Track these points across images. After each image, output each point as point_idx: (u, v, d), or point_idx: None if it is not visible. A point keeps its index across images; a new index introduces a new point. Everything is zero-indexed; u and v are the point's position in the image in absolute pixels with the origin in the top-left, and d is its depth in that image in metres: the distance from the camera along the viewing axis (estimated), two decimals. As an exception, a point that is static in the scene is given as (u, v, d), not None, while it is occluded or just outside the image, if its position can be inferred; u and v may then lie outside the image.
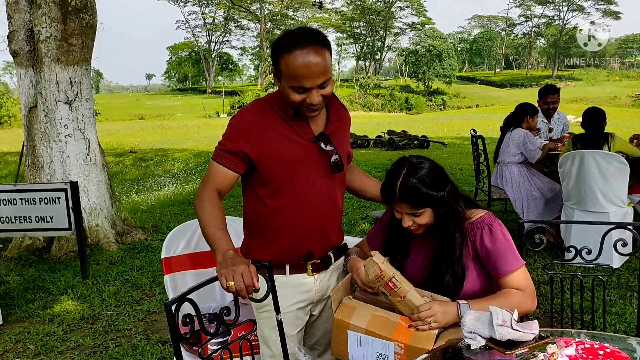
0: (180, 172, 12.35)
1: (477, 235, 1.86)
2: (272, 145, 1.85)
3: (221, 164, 1.88)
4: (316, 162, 1.92)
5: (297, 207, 1.92)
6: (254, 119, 1.86)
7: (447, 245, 1.86)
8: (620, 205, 4.40)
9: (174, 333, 1.50)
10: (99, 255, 5.22)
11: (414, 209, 1.83)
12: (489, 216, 1.89)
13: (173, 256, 2.55)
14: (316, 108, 1.80)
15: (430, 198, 1.81)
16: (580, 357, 1.30)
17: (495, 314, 1.58)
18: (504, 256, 1.82)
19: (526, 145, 4.92)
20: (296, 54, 1.70)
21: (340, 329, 1.84)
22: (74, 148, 5.43)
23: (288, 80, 1.74)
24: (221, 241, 1.78)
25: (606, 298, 3.77)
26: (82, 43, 5.36)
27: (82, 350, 3.46)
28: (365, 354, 1.80)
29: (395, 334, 1.72)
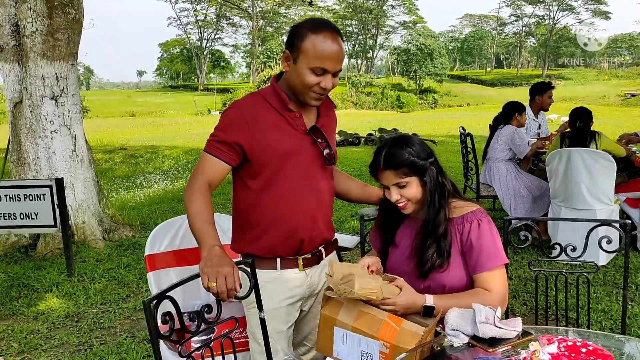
0: (170, 169, 12.28)
1: (466, 228, 1.85)
2: (266, 136, 1.86)
3: (214, 156, 1.87)
4: (309, 153, 1.93)
5: (288, 198, 1.92)
6: (249, 111, 1.86)
7: (433, 220, 1.85)
8: (607, 203, 4.42)
9: (152, 331, 1.48)
10: (86, 252, 5.17)
11: (398, 176, 1.84)
12: (479, 211, 1.88)
13: (157, 253, 2.52)
14: (323, 95, 1.86)
15: (414, 164, 1.83)
16: (563, 354, 1.29)
17: (478, 311, 1.57)
18: (485, 254, 1.81)
19: (515, 140, 4.93)
20: (325, 35, 1.78)
21: (327, 325, 1.81)
22: (60, 144, 5.36)
23: (311, 60, 1.78)
24: (208, 235, 1.75)
25: (592, 295, 3.79)
26: (68, 38, 5.30)
27: (66, 348, 3.42)
28: (350, 351, 1.78)
29: (381, 332, 1.69)
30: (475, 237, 1.83)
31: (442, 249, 1.84)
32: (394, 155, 1.84)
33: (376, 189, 2.29)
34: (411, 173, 1.84)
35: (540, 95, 5.64)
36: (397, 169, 1.83)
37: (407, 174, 1.84)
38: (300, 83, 1.82)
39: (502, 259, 1.83)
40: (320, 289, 2.09)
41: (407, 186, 1.85)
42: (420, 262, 1.86)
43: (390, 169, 1.84)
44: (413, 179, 1.85)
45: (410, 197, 1.86)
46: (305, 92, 1.83)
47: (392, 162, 1.84)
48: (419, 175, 1.85)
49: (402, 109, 46.91)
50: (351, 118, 28.56)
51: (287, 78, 1.89)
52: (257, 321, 1.89)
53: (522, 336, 1.55)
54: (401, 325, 1.65)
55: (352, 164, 10.39)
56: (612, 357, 1.28)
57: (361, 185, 2.29)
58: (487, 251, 1.81)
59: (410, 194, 1.86)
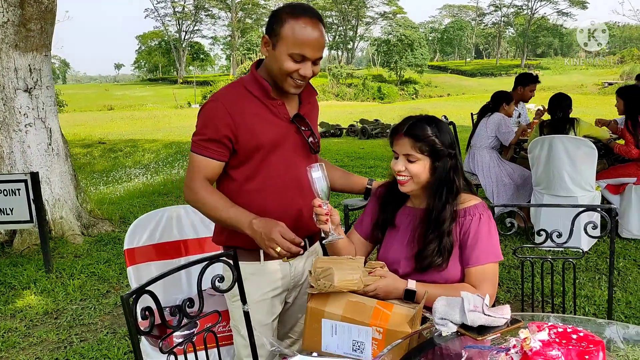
0: (150, 163, 12.13)
1: (467, 221, 1.81)
2: (250, 127, 1.81)
3: (205, 156, 1.82)
4: (293, 142, 1.89)
5: (273, 189, 1.88)
6: (230, 102, 1.81)
7: (438, 214, 1.80)
8: (588, 190, 4.45)
9: (131, 327, 1.42)
10: (64, 248, 5.06)
11: (414, 149, 1.79)
12: (482, 205, 1.84)
13: (137, 247, 2.46)
14: (303, 83, 1.81)
15: (432, 145, 1.78)
16: (554, 341, 1.26)
17: (466, 299, 1.54)
18: (480, 248, 1.78)
19: (501, 127, 4.96)
20: (305, 21, 1.72)
21: (314, 318, 1.77)
22: (35, 138, 5.23)
23: (290, 46, 1.72)
24: (239, 216, 1.79)
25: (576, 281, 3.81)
26: (41, 28, 5.15)
27: (45, 346, 3.34)
28: (340, 343, 1.74)
29: (373, 318, 1.67)
30: (473, 231, 1.79)
31: (444, 247, 1.79)
32: (419, 127, 1.80)
33: (360, 177, 2.25)
34: (426, 152, 1.79)
35: (523, 86, 5.66)
36: (416, 141, 1.78)
37: (422, 150, 1.79)
38: (278, 69, 1.77)
39: (497, 256, 1.80)
40: (304, 280, 2.06)
41: (416, 162, 1.80)
42: (420, 255, 1.81)
43: (409, 137, 1.79)
44: (425, 158, 1.80)
45: (413, 174, 1.80)
46: (283, 79, 1.78)
47: (414, 132, 1.79)
48: (432, 158, 1.80)
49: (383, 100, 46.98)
50: (332, 109, 28.51)
51: (266, 64, 1.84)
52: (241, 314, 1.84)
53: (511, 323, 1.53)
54: (392, 309, 1.63)
55: (334, 155, 10.36)
56: (603, 342, 1.26)
57: (345, 175, 2.25)
58: (483, 246, 1.78)
59: (416, 171, 1.80)
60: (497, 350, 1.31)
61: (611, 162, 5.18)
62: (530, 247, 2.24)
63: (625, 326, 1.73)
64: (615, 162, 5.10)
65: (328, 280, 1.69)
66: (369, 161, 9.61)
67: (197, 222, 2.61)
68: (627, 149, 4.62)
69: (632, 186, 4.66)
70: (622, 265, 4.14)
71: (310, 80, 1.92)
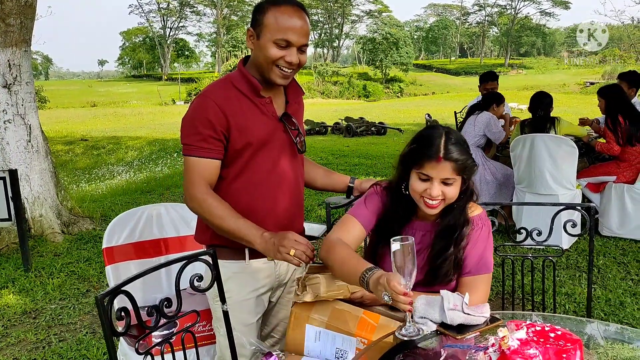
0: (134, 160, 12.02)
1: (470, 231, 1.75)
2: (241, 124, 1.79)
3: (202, 157, 1.78)
4: (280, 141, 1.88)
5: (261, 187, 1.86)
6: (220, 99, 1.78)
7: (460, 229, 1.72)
8: (569, 188, 4.49)
9: (106, 329, 1.39)
10: (43, 246, 4.98)
11: (454, 172, 1.64)
12: (484, 215, 1.80)
13: (115, 245, 2.42)
14: (290, 73, 1.78)
15: (468, 162, 1.67)
16: (532, 339, 1.26)
17: (446, 298, 1.54)
18: (475, 259, 1.74)
19: (491, 126, 4.99)
20: (287, 7, 1.73)
21: (298, 322, 1.75)
22: (14, 134, 5.13)
23: (273, 33, 1.72)
24: (250, 229, 1.76)
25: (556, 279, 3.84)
26: (21, 23, 5.06)
27: (23, 346, 3.29)
28: (323, 349, 1.72)
29: (358, 329, 1.64)
30: (473, 241, 1.74)
31: (458, 261, 1.73)
32: (457, 149, 1.64)
33: (342, 176, 2.23)
34: (461, 172, 1.66)
35: (480, 85, 5.82)
36: (456, 163, 1.63)
37: (459, 171, 1.65)
38: (264, 58, 1.75)
39: (489, 269, 1.76)
40: (288, 279, 2.04)
41: (453, 184, 1.66)
42: (436, 272, 1.73)
43: (450, 161, 1.63)
44: (459, 179, 1.68)
45: (449, 197, 1.67)
46: (269, 68, 1.76)
47: (454, 156, 1.63)
48: (464, 176, 1.69)
49: (369, 98, 47.07)
50: (317, 107, 28.49)
51: (253, 57, 1.82)
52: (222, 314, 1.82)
53: (491, 322, 1.53)
54: (379, 322, 1.60)
55: (318, 152, 10.35)
56: (581, 341, 1.27)
57: (327, 173, 2.23)
58: (479, 257, 1.74)
59: (451, 194, 1.67)
60: (476, 349, 1.31)
61: (592, 161, 5.24)
62: (512, 246, 2.25)
63: (606, 324, 1.75)
64: (595, 161, 5.16)
65: (314, 290, 1.67)
66: (353, 159, 9.61)
67: (177, 221, 2.58)
68: (609, 146, 4.67)
69: (612, 184, 4.72)
70: (602, 263, 4.19)
71: (296, 79, 1.91)
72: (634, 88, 5.15)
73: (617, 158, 4.70)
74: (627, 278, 3.91)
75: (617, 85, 4.98)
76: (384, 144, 12.71)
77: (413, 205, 1.75)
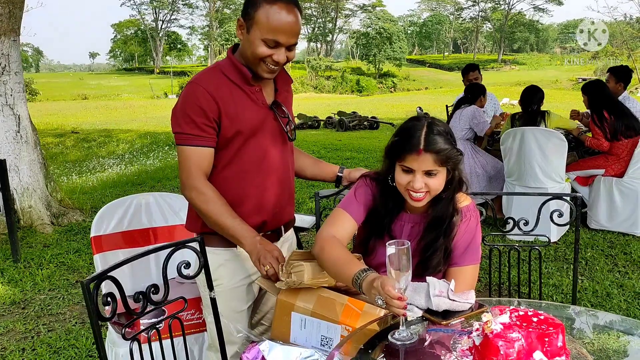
0: (125, 153, 11.95)
1: (459, 221, 1.75)
2: (232, 112, 1.78)
3: (197, 145, 1.77)
4: (271, 129, 1.88)
5: (251, 176, 1.86)
6: (211, 86, 1.77)
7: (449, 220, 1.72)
8: (558, 181, 4.52)
9: (92, 314, 1.39)
10: (32, 237, 4.96)
11: (436, 163, 1.62)
12: (473, 206, 1.80)
13: (104, 234, 2.42)
14: (277, 68, 1.79)
15: (451, 153, 1.64)
16: (514, 324, 1.28)
17: (432, 284, 1.55)
18: (463, 250, 1.75)
19: (475, 118, 5.02)
20: (280, 6, 1.70)
21: (284, 310, 1.75)
22: (3, 125, 5.10)
23: (263, 31, 1.70)
24: (243, 230, 1.79)
25: (544, 270, 3.88)
26: (10, 12, 5.01)
27: (12, 336, 3.28)
28: (309, 336, 1.72)
29: (342, 317, 1.65)
30: (462, 232, 1.74)
31: (448, 253, 1.74)
32: (438, 140, 1.62)
33: (331, 165, 2.23)
34: (444, 163, 1.64)
35: (463, 78, 5.89)
36: (437, 154, 1.61)
37: (441, 162, 1.63)
38: (251, 54, 1.75)
39: (478, 259, 1.77)
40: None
41: (437, 176, 1.65)
42: (424, 265, 1.73)
43: (431, 152, 1.61)
44: (443, 170, 1.66)
45: (433, 189, 1.66)
46: (256, 63, 1.76)
47: (435, 147, 1.61)
48: (448, 167, 1.67)
49: (362, 93, 47.08)
50: (310, 102, 28.43)
51: (242, 48, 1.81)
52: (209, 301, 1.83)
53: (476, 308, 1.55)
54: (363, 309, 1.61)
55: (311, 146, 10.34)
56: (563, 325, 1.28)
57: (316, 162, 2.24)
58: (466, 247, 1.75)
59: (435, 186, 1.65)
60: (460, 333, 1.33)
61: (581, 154, 5.27)
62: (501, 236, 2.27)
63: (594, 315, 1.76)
64: (585, 155, 5.20)
65: (298, 277, 1.66)
66: (345, 153, 9.62)
67: (166, 210, 2.57)
68: (598, 142, 4.70)
69: (600, 178, 4.75)
70: (590, 255, 4.22)
71: (287, 68, 1.90)
72: (622, 82, 5.18)
73: (606, 152, 4.73)
74: (614, 270, 3.95)
75: (600, 81, 5.02)
76: (376, 138, 12.73)
77: (402, 198, 1.74)
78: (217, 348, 1.88)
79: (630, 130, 4.63)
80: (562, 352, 1.27)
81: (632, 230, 4.62)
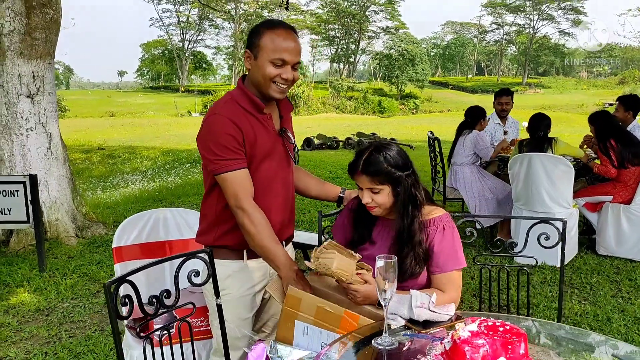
0: (148, 169, 12.29)
1: (432, 231, 1.95)
2: (251, 137, 1.98)
3: (237, 169, 1.95)
4: (279, 153, 2.09)
5: (262, 196, 2.04)
6: (232, 115, 1.97)
7: (407, 229, 1.93)
8: (565, 207, 4.62)
9: (112, 312, 1.58)
10: (58, 249, 5.22)
11: (373, 182, 1.90)
12: (446, 217, 1.99)
13: (124, 246, 2.62)
14: (286, 87, 1.99)
15: (389, 174, 1.89)
16: (482, 332, 1.43)
17: (414, 297, 1.71)
18: (444, 257, 1.92)
19: (478, 144, 5.14)
20: (281, 31, 1.94)
21: (288, 319, 1.92)
22: (35, 142, 5.41)
23: (270, 53, 1.92)
24: (282, 256, 1.97)
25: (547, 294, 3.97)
26: (46, 37, 5.35)
27: (35, 340, 3.49)
28: (311, 342, 1.89)
29: (340, 328, 1.82)
30: (438, 240, 1.93)
31: (419, 256, 1.92)
32: (372, 162, 1.90)
33: (334, 186, 2.42)
34: (385, 182, 1.90)
35: (495, 100, 5.92)
36: (373, 176, 1.90)
37: (382, 182, 1.90)
38: (262, 77, 1.95)
39: (460, 264, 1.94)
40: None
41: (380, 193, 1.92)
42: (400, 270, 1.88)
43: (367, 174, 1.90)
44: (386, 187, 1.91)
45: (380, 203, 1.93)
46: (267, 84, 1.96)
47: (370, 169, 1.90)
48: (392, 185, 1.91)
49: (384, 114, 47.27)
50: (331, 122, 28.74)
51: (251, 76, 2.01)
52: (215, 307, 2.01)
53: (455, 320, 1.70)
54: (358, 322, 1.77)
55: (329, 167, 10.53)
56: (526, 335, 1.43)
57: (320, 183, 2.42)
58: (447, 255, 1.92)
59: (381, 201, 1.92)
60: (433, 339, 1.48)
61: (590, 181, 5.36)
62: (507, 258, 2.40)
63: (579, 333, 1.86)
64: (594, 181, 5.28)
65: (328, 263, 1.81)
66: (362, 174, 9.75)
67: (182, 225, 2.78)
68: (606, 169, 4.79)
69: (609, 204, 4.83)
70: (595, 281, 4.30)
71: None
72: (631, 111, 5.28)
73: (614, 179, 4.82)
74: (618, 295, 4.02)
75: (605, 112, 5.14)
76: (394, 159, 12.84)
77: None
78: (222, 352, 2.05)
79: (637, 158, 4.71)
80: (525, 359, 1.41)
81: (639, 257, 4.68)
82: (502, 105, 5.85)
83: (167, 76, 79.62)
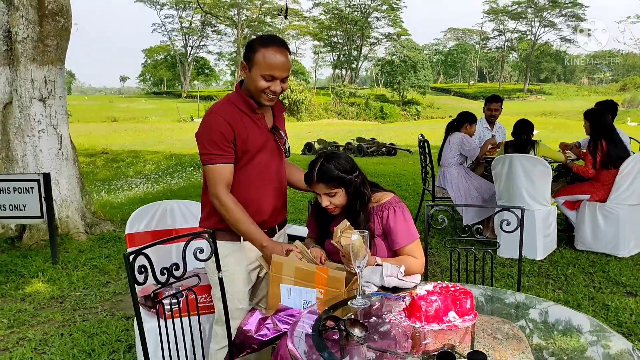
0: (151, 173, 12.62)
1: (384, 214, 2.31)
2: (243, 135, 2.31)
3: (220, 163, 2.29)
4: (271, 147, 2.43)
5: (256, 184, 2.38)
6: (227, 115, 2.30)
7: (354, 221, 2.27)
8: (544, 204, 4.93)
9: (130, 279, 1.89)
10: (69, 244, 5.53)
11: (328, 188, 2.25)
12: (394, 199, 2.35)
13: (136, 232, 2.94)
14: (274, 97, 2.31)
15: (341, 179, 2.25)
16: (435, 292, 1.74)
17: (385, 267, 2.03)
18: (400, 233, 2.28)
19: (464, 145, 5.45)
20: (274, 48, 2.20)
21: (275, 284, 2.25)
22: (47, 143, 5.74)
23: (262, 69, 2.20)
24: (259, 235, 2.30)
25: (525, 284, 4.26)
26: (57, 44, 5.69)
27: (51, 324, 3.80)
28: (294, 302, 2.22)
29: (315, 281, 2.14)
30: (392, 220, 2.30)
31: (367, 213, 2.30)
32: (325, 171, 2.24)
33: None
34: (339, 185, 2.24)
35: (485, 105, 6.22)
36: (327, 183, 2.24)
37: (335, 186, 2.24)
38: (254, 88, 2.28)
39: (414, 237, 2.30)
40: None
41: (336, 195, 2.26)
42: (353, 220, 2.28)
43: (322, 182, 2.24)
44: (340, 190, 2.26)
45: (337, 204, 2.28)
46: (259, 94, 2.29)
47: (324, 177, 2.24)
48: (345, 187, 2.26)
49: (385, 120, 47.63)
50: (332, 127, 29.10)
51: (246, 83, 2.35)
52: (216, 281, 2.32)
53: (419, 287, 2.01)
54: (328, 273, 2.09)
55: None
56: (472, 293, 1.74)
57: None
58: (402, 231, 2.29)
59: (338, 202, 2.27)
60: (396, 297, 1.79)
61: (571, 181, 5.66)
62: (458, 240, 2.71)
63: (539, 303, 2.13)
64: (574, 181, 5.59)
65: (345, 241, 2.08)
66: (359, 176, 10.06)
67: (187, 214, 3.10)
68: (585, 169, 5.09)
69: (586, 202, 5.13)
70: (570, 272, 4.60)
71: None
72: (609, 115, 5.58)
73: (592, 178, 5.12)
74: (590, 285, 4.32)
75: (600, 110, 5.38)
76: (393, 164, 13.18)
77: None
78: (223, 322, 2.36)
79: (620, 161, 4.97)
80: (471, 312, 1.72)
81: (614, 251, 4.98)
82: (491, 111, 6.17)
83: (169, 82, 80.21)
